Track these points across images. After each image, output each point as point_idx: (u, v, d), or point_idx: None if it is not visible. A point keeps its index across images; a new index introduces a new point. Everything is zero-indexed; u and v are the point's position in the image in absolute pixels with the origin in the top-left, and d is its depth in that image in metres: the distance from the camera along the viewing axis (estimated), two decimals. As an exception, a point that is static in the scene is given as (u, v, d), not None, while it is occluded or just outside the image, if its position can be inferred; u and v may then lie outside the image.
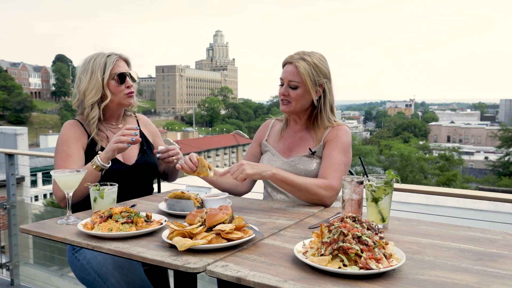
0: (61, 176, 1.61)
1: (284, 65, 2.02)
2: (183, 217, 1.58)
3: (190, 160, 1.89)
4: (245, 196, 2.14)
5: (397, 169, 32.56)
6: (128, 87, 2.05)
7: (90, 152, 2.00)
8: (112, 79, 2.02)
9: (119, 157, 2.03)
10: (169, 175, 2.29)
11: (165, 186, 2.40)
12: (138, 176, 2.07)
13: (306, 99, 1.97)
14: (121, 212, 1.43)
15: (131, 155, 2.09)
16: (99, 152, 1.87)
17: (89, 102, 2.00)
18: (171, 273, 1.97)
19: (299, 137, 2.07)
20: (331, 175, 1.86)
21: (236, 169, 1.74)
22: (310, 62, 1.94)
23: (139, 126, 2.24)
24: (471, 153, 52.73)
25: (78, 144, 1.98)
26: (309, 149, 1.99)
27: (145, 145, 2.18)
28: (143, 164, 2.08)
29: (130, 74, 2.06)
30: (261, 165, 1.81)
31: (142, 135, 2.20)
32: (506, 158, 38.37)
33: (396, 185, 2.14)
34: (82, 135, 2.01)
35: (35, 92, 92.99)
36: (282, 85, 2.00)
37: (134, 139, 1.81)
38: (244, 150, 56.08)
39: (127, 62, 2.11)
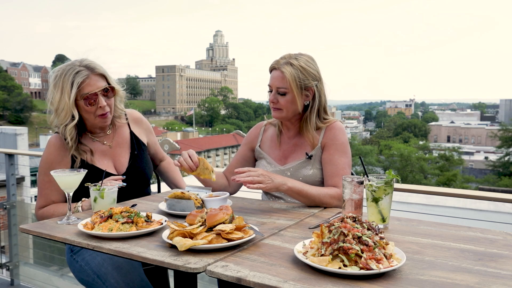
0: (61, 176, 1.62)
1: (270, 70, 1.95)
2: (183, 217, 1.58)
3: (190, 158, 1.79)
4: (245, 196, 2.14)
5: (397, 169, 32.55)
6: (100, 107, 1.89)
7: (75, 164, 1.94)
8: (80, 100, 1.86)
9: (110, 165, 1.99)
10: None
11: (165, 186, 2.39)
12: (130, 184, 1.96)
13: (297, 104, 1.90)
14: (121, 212, 1.43)
15: (122, 162, 2.03)
16: (83, 199, 1.80)
17: (61, 123, 1.88)
18: (171, 273, 1.97)
19: (293, 143, 2.01)
20: (340, 182, 1.80)
21: (256, 176, 1.67)
22: (296, 66, 1.87)
23: (129, 126, 2.12)
24: (471, 153, 52.69)
25: (60, 167, 1.88)
26: (306, 153, 1.95)
27: (136, 149, 2.08)
28: (134, 171, 2.01)
29: (102, 91, 1.89)
30: (277, 178, 1.74)
31: (132, 135, 2.11)
32: (506, 158, 38.33)
33: (396, 185, 2.14)
34: (65, 154, 1.92)
35: (35, 92, 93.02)
36: (271, 91, 1.93)
37: (120, 186, 1.75)
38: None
39: (104, 75, 1.91)
